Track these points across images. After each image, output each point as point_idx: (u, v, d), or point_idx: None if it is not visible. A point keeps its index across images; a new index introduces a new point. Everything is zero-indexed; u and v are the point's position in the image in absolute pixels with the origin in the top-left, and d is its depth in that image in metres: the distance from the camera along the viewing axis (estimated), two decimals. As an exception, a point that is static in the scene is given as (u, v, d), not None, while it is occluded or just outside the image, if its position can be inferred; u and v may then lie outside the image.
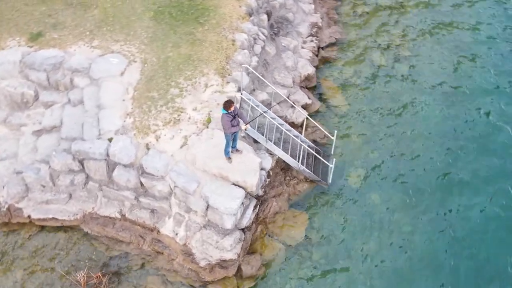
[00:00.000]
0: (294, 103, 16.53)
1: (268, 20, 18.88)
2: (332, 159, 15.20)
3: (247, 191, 13.48)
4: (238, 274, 13.43)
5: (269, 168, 14.62)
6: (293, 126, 16.18)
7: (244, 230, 13.72)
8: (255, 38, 17.27)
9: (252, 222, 14.01)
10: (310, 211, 14.81)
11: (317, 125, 16.06)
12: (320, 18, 20.69)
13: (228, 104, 12.24)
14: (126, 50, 16.01)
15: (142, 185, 13.78)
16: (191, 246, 13.48)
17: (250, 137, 14.70)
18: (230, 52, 16.12)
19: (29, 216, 14.16)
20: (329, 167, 15.01)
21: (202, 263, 13.30)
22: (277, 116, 15.51)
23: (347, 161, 16.02)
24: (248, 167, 13.48)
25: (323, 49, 19.79)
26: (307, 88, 18.10)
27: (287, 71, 17.64)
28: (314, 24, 20.25)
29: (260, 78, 15.91)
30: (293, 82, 17.47)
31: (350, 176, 15.67)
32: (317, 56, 19.33)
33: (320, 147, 16.22)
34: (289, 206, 14.91)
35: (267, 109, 14.50)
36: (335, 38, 20.22)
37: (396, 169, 15.86)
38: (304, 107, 16.99)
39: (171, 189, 13.55)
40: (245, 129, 12.92)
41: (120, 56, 15.83)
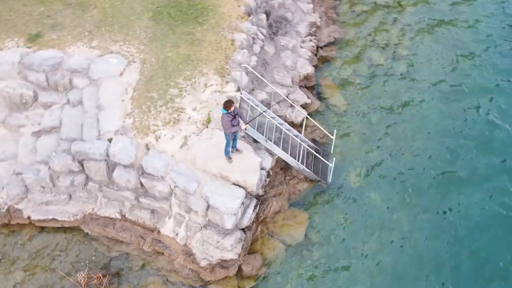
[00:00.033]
0: (293, 103, 16.53)
1: (267, 20, 18.87)
2: (332, 159, 15.19)
3: (248, 191, 13.48)
4: (239, 274, 13.43)
5: (269, 168, 14.63)
6: (293, 126, 16.18)
7: (245, 230, 13.72)
8: (254, 38, 17.26)
9: (253, 222, 14.01)
10: (310, 211, 14.82)
11: (317, 125, 16.07)
12: (319, 18, 20.70)
13: (228, 104, 12.23)
14: (125, 51, 15.99)
15: (142, 186, 13.77)
16: (192, 246, 13.48)
17: (250, 137, 14.70)
18: (229, 52, 16.11)
19: (29, 217, 14.13)
20: (329, 167, 15.01)
21: (203, 263, 13.30)
22: (277, 116, 15.52)
23: (347, 160, 16.03)
24: (248, 167, 13.48)
25: (322, 49, 19.80)
26: (306, 88, 18.11)
27: (286, 71, 17.64)
28: (313, 24, 20.26)
29: (260, 78, 15.90)
30: (292, 82, 17.47)
31: (350, 175, 15.68)
32: (316, 56, 19.34)
33: (320, 147, 16.23)
34: (289, 206, 14.91)
35: (267, 109, 14.50)
36: (334, 38, 20.23)
37: (396, 168, 15.88)
38: (304, 107, 17.00)
39: (171, 189, 13.54)
40: (245, 129, 12.93)
41: (119, 57, 15.81)
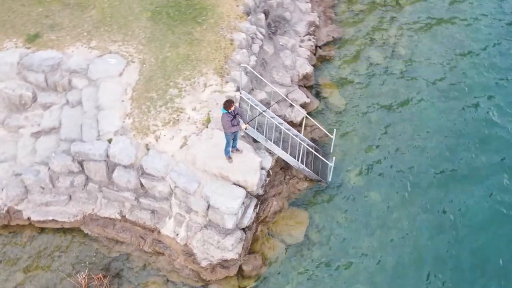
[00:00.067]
0: (293, 102, 16.53)
1: (266, 19, 18.87)
2: (332, 158, 15.20)
3: (248, 191, 13.47)
4: (239, 274, 13.43)
5: (269, 167, 14.63)
6: (292, 125, 16.19)
7: (245, 230, 13.72)
8: (253, 38, 17.25)
9: (253, 222, 14.00)
10: (310, 210, 14.83)
11: (316, 124, 16.08)
12: (317, 17, 20.71)
13: (229, 104, 12.22)
14: (124, 51, 15.96)
15: (142, 186, 13.76)
16: (192, 247, 13.47)
17: (250, 136, 14.70)
18: (229, 52, 16.10)
19: (29, 218, 14.11)
20: (329, 166, 15.02)
21: (204, 263, 13.29)
22: (276, 115, 15.52)
23: (346, 159, 16.04)
24: (249, 167, 13.47)
25: (321, 48, 19.81)
26: (306, 87, 18.11)
27: (285, 70, 17.64)
28: (312, 23, 20.27)
29: (259, 77, 15.90)
30: (292, 81, 17.48)
31: (350, 174, 15.70)
32: (315, 55, 19.35)
33: (319, 146, 16.24)
34: (289, 205, 14.92)
35: (266, 108, 14.49)
36: (333, 37, 20.25)
37: (395, 167, 15.91)
38: (303, 106, 17.00)
39: (172, 190, 13.52)
40: (246, 129, 12.92)
41: (118, 57, 15.78)
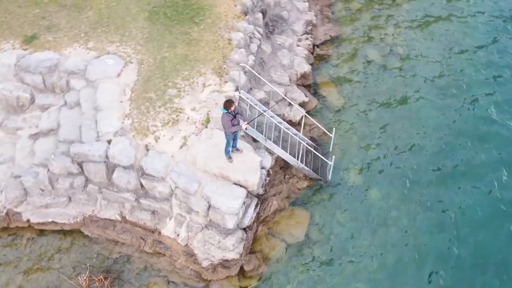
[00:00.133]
0: (291, 101, 16.53)
1: (263, 19, 18.86)
2: (331, 157, 15.21)
3: (248, 190, 13.46)
4: (240, 274, 13.43)
5: (269, 167, 14.63)
6: (291, 124, 16.18)
7: (246, 230, 13.71)
8: (251, 37, 17.23)
9: (253, 221, 13.99)
10: (311, 209, 14.83)
11: (315, 123, 16.09)
12: (315, 16, 20.71)
13: (229, 104, 12.19)
14: (122, 51, 15.91)
15: (143, 187, 13.72)
16: (193, 247, 13.45)
17: (249, 136, 14.69)
18: (227, 51, 16.08)
19: (28, 220, 14.04)
20: (329, 165, 15.03)
21: (205, 264, 13.28)
22: (275, 115, 15.51)
23: (346, 158, 16.05)
24: (249, 166, 13.46)
25: (318, 47, 19.81)
26: (304, 86, 18.11)
27: (284, 69, 17.63)
28: (309, 22, 20.28)
29: (257, 77, 15.89)
30: (290, 80, 17.47)
31: (349, 173, 15.71)
32: (313, 54, 19.35)
33: (319, 145, 16.25)
34: (289, 204, 14.92)
35: (267, 109, 14.48)
36: (330, 36, 20.25)
37: (394, 164, 15.93)
38: (301, 105, 17.00)
39: (172, 190, 13.49)
40: (246, 129, 12.88)
41: (116, 57, 15.72)
